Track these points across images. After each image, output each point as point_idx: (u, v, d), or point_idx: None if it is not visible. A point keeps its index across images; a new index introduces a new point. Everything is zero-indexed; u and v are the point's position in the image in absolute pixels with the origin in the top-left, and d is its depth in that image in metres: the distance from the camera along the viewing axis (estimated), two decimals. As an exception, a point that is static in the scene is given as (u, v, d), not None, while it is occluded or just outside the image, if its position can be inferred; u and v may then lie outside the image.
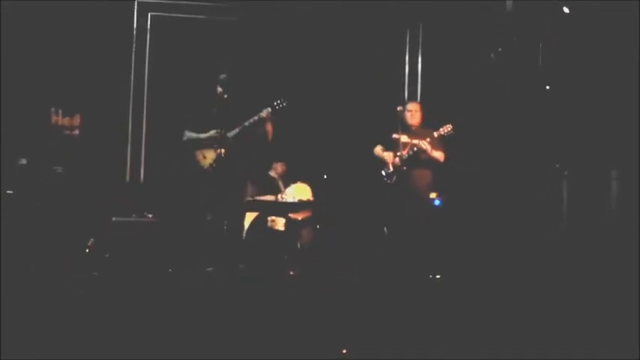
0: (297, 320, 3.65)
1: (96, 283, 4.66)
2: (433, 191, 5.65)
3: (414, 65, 7.03)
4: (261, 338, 3.28)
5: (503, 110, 6.32)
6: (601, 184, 5.74)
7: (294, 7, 6.77)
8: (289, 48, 6.82)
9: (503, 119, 6.29)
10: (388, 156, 5.59)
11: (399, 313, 3.89)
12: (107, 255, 5.44)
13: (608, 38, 5.58)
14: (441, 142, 5.56)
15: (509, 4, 6.24)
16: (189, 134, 5.42)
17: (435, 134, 5.50)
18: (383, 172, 5.61)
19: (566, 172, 6.02)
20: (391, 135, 5.58)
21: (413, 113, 5.68)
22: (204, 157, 5.33)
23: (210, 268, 5.15)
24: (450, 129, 5.50)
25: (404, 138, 5.55)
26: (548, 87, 6.14)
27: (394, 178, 5.53)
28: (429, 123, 5.71)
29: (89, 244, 5.58)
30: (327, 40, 6.85)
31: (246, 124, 5.30)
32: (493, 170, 6.25)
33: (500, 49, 6.43)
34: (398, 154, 5.54)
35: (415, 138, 5.53)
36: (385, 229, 5.61)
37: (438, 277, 5.25)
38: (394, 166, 5.54)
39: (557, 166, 6.06)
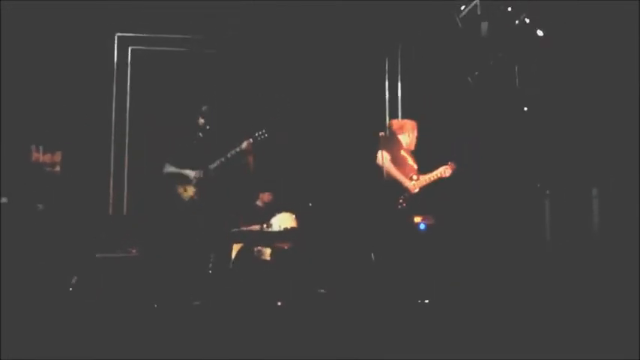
0: (286, 350, 3.62)
1: (81, 319, 4.58)
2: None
3: (394, 91, 7.11)
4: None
5: (483, 132, 6.39)
6: (582, 202, 5.81)
7: (273, 38, 6.84)
8: (270, 79, 6.87)
9: (483, 140, 6.36)
10: (411, 184, 5.44)
11: (389, 339, 3.87)
12: (93, 293, 5.36)
13: (584, 59, 5.70)
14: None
15: (484, 27, 6.36)
16: (170, 168, 5.43)
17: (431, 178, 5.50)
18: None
19: (547, 192, 6.09)
20: (399, 150, 5.51)
21: (413, 138, 5.62)
22: (185, 191, 5.36)
23: (196, 302, 5.10)
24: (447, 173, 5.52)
25: (410, 160, 5.54)
26: (525, 108, 6.24)
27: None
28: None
29: (72, 282, 5.50)
30: (307, 69, 6.92)
31: (228, 155, 5.33)
32: (475, 192, 6.30)
33: (477, 73, 6.53)
34: (415, 177, 5.47)
35: (412, 161, 5.54)
36: (372, 255, 5.60)
37: (427, 301, 5.24)
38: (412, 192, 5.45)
39: (539, 185, 6.13)
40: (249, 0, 6.46)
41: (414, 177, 5.48)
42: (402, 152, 5.56)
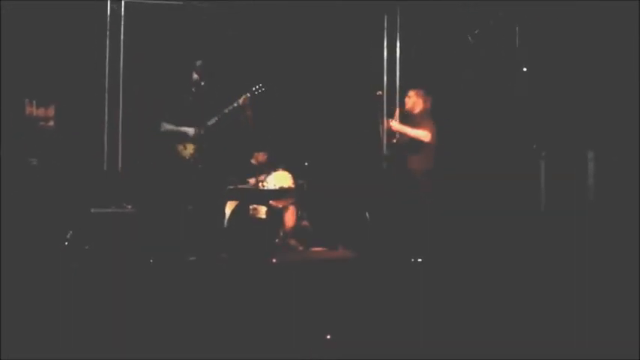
0: (281, 307, 3.66)
1: (76, 276, 4.61)
2: (426, 176, 5.64)
3: (392, 50, 7.01)
4: (245, 327, 3.28)
5: (481, 92, 6.35)
6: (578, 165, 5.82)
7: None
8: (267, 34, 6.75)
9: (481, 101, 6.33)
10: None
11: (383, 298, 3.92)
12: (87, 247, 5.37)
13: (584, 20, 5.63)
14: (424, 120, 5.57)
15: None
16: (167, 126, 5.38)
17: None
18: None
19: (543, 153, 6.10)
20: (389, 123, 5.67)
21: (414, 99, 5.73)
22: (185, 148, 5.33)
23: (192, 258, 5.13)
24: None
25: (396, 125, 5.61)
26: (525, 69, 6.18)
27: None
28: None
29: (68, 236, 5.51)
30: (305, 26, 6.79)
31: (225, 111, 5.28)
32: (472, 152, 6.30)
33: (477, 32, 6.45)
34: (394, 141, 5.66)
35: (414, 127, 5.56)
36: (367, 214, 5.62)
37: (420, 260, 5.29)
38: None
39: (535, 147, 6.13)
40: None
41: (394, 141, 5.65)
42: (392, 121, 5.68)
